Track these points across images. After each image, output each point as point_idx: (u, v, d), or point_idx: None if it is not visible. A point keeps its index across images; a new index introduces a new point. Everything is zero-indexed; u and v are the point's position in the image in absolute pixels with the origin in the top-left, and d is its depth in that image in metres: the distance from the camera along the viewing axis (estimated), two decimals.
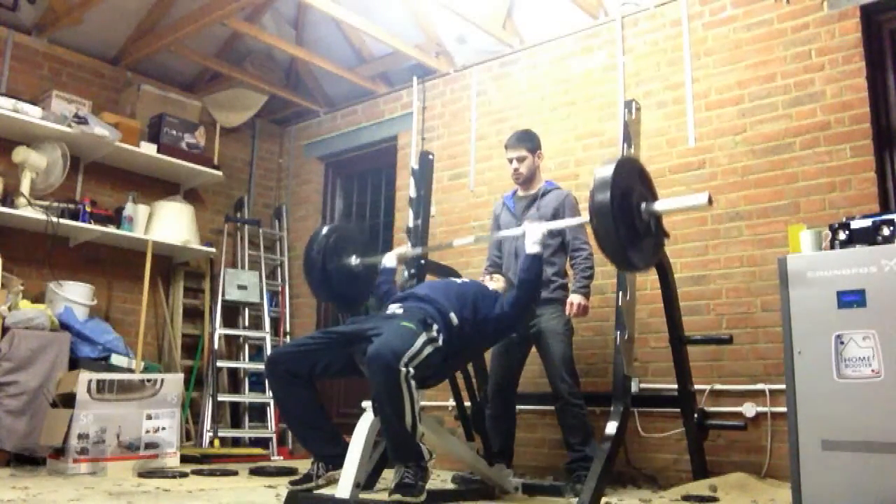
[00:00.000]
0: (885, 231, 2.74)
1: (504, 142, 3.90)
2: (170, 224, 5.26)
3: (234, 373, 5.75)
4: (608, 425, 2.96)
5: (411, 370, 2.46)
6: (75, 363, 4.36)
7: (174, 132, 5.37)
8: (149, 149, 5.21)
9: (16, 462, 4.10)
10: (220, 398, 5.46)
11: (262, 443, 5.41)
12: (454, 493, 3.36)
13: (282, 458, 5.21)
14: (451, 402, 3.91)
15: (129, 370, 4.57)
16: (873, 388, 2.60)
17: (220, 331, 5.59)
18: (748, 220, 3.90)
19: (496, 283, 3.37)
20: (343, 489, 2.50)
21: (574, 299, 3.57)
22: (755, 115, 3.98)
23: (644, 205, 2.59)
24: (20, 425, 4.08)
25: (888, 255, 2.66)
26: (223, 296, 5.66)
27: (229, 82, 5.81)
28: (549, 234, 3.69)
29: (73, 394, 3.97)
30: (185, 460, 4.40)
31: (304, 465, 3.22)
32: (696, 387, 3.68)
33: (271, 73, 5.94)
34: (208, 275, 5.79)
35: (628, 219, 2.51)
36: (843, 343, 2.69)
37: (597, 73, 4.67)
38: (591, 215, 2.48)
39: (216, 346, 5.54)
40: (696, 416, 3.55)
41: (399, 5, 5.21)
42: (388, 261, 3.31)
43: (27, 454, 4.10)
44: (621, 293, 3.13)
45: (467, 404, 3.47)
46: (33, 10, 5.02)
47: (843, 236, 2.82)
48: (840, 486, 2.61)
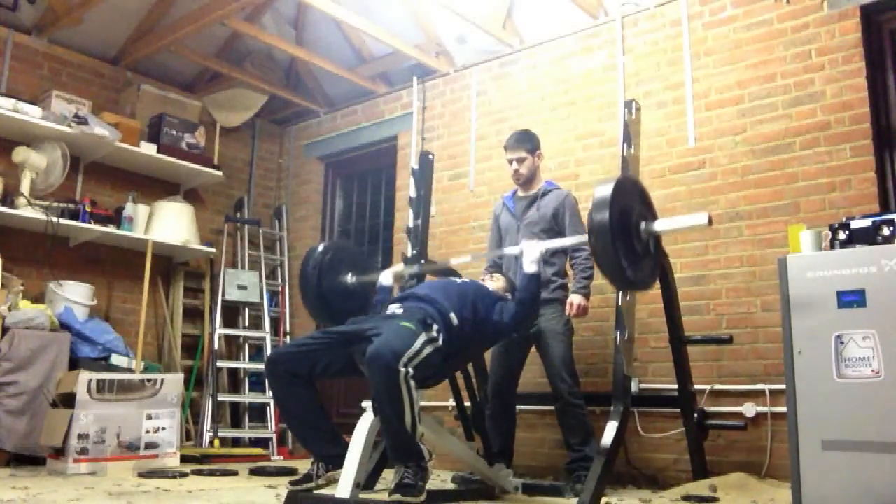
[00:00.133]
0: (885, 231, 2.74)
1: (504, 142, 3.91)
2: (170, 224, 5.26)
3: (234, 373, 5.75)
4: (608, 425, 2.96)
5: (411, 370, 2.46)
6: (75, 363, 4.37)
7: (174, 132, 5.37)
8: (149, 149, 5.21)
9: (16, 462, 4.10)
10: (220, 398, 5.46)
11: (262, 443, 5.41)
12: (454, 493, 3.36)
13: (282, 458, 5.21)
14: (451, 402, 3.91)
15: (129, 370, 4.58)
16: (873, 388, 2.60)
17: (220, 331, 5.59)
18: (748, 220, 3.90)
19: (496, 282, 3.37)
20: (343, 489, 2.50)
21: (574, 299, 3.58)
22: (755, 115, 3.98)
23: (643, 224, 2.58)
24: (20, 425, 4.08)
25: (888, 255, 2.66)
26: (223, 296, 5.66)
27: (229, 82, 5.81)
28: (549, 235, 3.71)
29: (73, 394, 3.97)
30: (185, 460, 4.40)
31: (304, 465, 3.22)
32: (696, 387, 3.68)
33: (271, 73, 5.94)
34: (208, 275, 5.79)
35: (627, 238, 2.51)
36: (843, 343, 2.69)
37: (597, 73, 4.67)
38: (589, 234, 2.48)
39: (216, 346, 5.54)
40: (696, 416, 3.55)
41: (399, 5, 5.21)
42: (385, 279, 3.29)
43: (27, 454, 4.10)
44: (621, 293, 3.13)
45: (467, 404, 3.46)
46: (33, 10, 5.03)
47: (843, 236, 2.82)
48: (840, 486, 2.61)
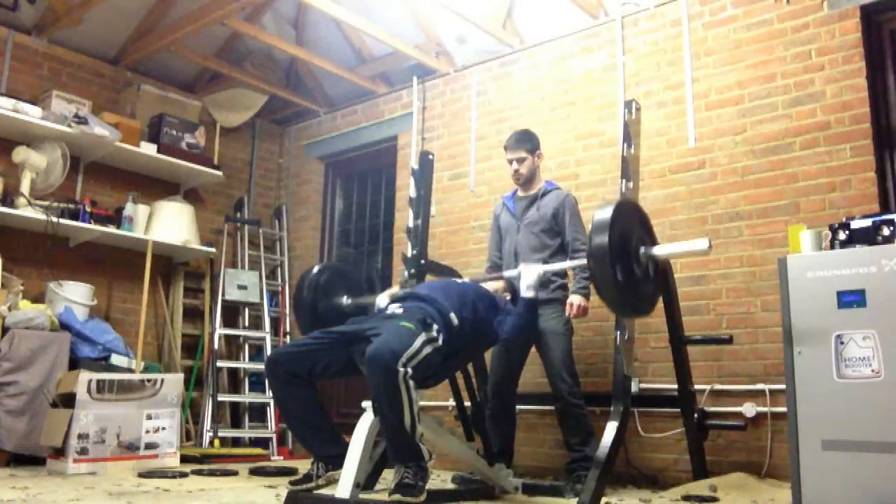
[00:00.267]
0: (885, 231, 2.74)
1: (504, 142, 3.91)
2: (170, 224, 5.26)
3: (234, 373, 5.75)
4: (608, 425, 2.96)
5: (410, 370, 2.46)
6: (75, 363, 4.37)
7: (174, 132, 5.37)
8: (149, 149, 5.21)
9: (16, 462, 4.10)
10: (220, 398, 5.46)
11: (262, 443, 5.41)
12: (454, 493, 3.36)
13: (282, 458, 5.21)
14: (451, 402, 3.90)
15: (129, 370, 4.58)
16: (873, 388, 2.60)
17: (220, 331, 5.59)
18: (748, 220, 3.90)
19: (495, 283, 3.36)
20: (343, 489, 2.50)
21: (574, 300, 3.57)
22: (755, 115, 3.98)
23: (643, 249, 2.58)
24: (20, 425, 4.08)
25: (888, 255, 2.66)
26: (223, 296, 5.66)
27: (229, 82, 5.81)
28: (549, 235, 3.71)
29: (73, 394, 3.97)
30: (185, 460, 4.40)
31: (304, 465, 3.22)
32: (696, 387, 3.68)
33: (271, 73, 5.94)
34: (208, 275, 5.79)
35: (626, 263, 2.50)
36: (843, 343, 2.69)
37: (597, 73, 4.67)
38: (588, 258, 2.48)
39: (216, 346, 5.53)
40: (696, 416, 3.55)
41: (399, 5, 5.21)
42: (382, 301, 3.23)
43: (27, 454, 4.10)
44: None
45: (467, 404, 3.47)
46: (33, 10, 5.03)
47: (843, 236, 2.82)
48: (840, 486, 2.61)
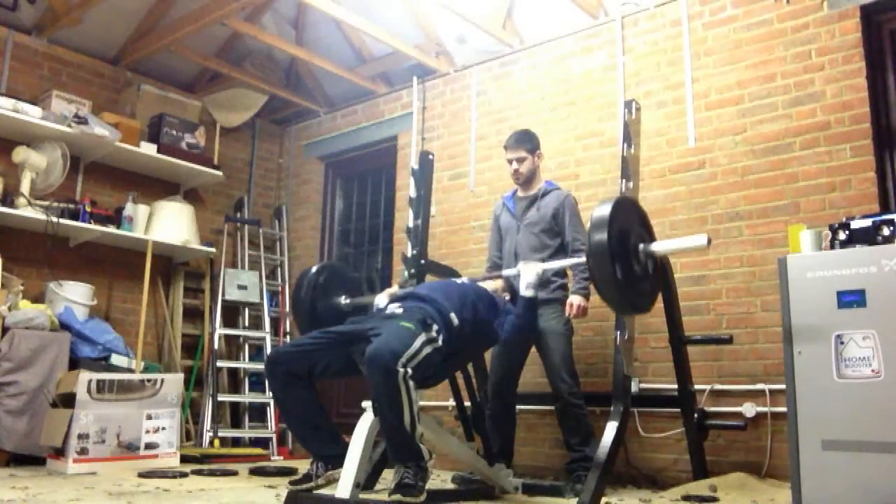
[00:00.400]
0: (885, 231, 2.74)
1: (504, 142, 3.91)
2: (170, 224, 5.26)
3: (234, 373, 5.75)
4: (608, 425, 2.96)
5: (409, 370, 2.46)
6: (75, 363, 4.37)
7: (174, 132, 5.37)
8: (149, 149, 5.21)
9: (16, 462, 4.10)
10: (220, 398, 5.46)
11: (262, 443, 5.41)
12: (454, 493, 3.36)
13: (282, 458, 5.21)
14: (451, 402, 3.90)
15: (129, 370, 4.58)
16: (873, 388, 2.60)
17: (220, 331, 5.59)
18: (748, 220, 3.90)
19: (494, 282, 3.36)
20: (343, 489, 2.50)
21: (574, 300, 3.57)
22: (755, 115, 3.98)
23: (642, 246, 2.58)
24: (20, 425, 4.08)
25: (888, 255, 2.66)
26: (223, 296, 5.66)
27: (229, 82, 5.81)
28: (549, 235, 3.71)
29: (73, 394, 3.97)
30: (185, 460, 4.40)
31: (304, 465, 3.21)
32: (696, 387, 3.69)
33: (271, 73, 5.94)
34: (208, 275, 5.79)
35: (626, 260, 2.50)
36: (843, 343, 2.69)
37: (597, 73, 4.67)
38: (587, 256, 2.48)
39: (216, 346, 5.53)
40: (696, 416, 3.55)
41: (399, 5, 5.21)
42: (381, 301, 3.22)
43: (27, 454, 4.10)
44: None
45: (467, 404, 3.46)
46: (33, 10, 5.03)
47: (843, 236, 2.82)
48: (840, 486, 2.61)
